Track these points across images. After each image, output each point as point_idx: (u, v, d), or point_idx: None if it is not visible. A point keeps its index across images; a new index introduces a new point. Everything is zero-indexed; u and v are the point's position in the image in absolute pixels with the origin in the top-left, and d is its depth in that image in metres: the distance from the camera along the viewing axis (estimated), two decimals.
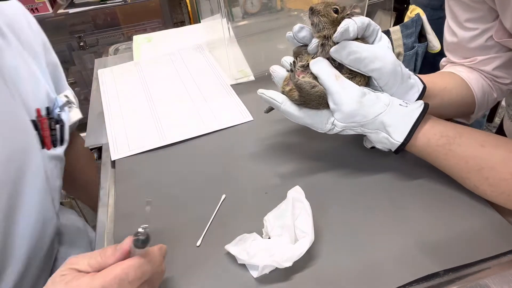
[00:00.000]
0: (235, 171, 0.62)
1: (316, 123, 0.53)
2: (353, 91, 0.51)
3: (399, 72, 0.52)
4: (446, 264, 0.45)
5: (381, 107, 0.51)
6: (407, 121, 0.51)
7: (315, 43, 0.53)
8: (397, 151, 0.53)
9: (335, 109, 0.52)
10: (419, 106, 0.52)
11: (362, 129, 0.53)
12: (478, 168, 0.49)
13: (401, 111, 0.51)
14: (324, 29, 0.51)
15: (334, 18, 0.51)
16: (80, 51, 1.67)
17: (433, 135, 0.52)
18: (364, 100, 0.51)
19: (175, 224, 0.54)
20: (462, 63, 0.67)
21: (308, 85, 0.51)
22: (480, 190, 0.50)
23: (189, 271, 0.47)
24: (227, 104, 0.77)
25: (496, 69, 0.64)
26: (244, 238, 0.48)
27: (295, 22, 0.55)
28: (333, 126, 0.53)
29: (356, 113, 0.51)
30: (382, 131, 0.52)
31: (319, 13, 0.51)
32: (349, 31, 0.49)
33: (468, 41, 0.64)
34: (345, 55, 0.50)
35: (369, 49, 0.51)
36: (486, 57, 0.64)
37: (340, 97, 0.50)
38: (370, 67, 0.51)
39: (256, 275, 0.45)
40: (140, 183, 0.62)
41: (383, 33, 0.54)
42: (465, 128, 0.53)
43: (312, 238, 0.45)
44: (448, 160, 0.52)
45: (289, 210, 0.47)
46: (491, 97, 0.68)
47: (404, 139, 0.51)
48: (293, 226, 0.46)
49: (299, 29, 0.54)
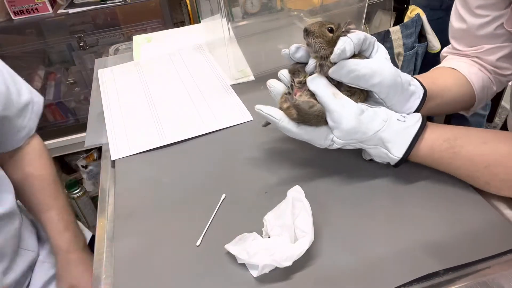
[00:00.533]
0: (235, 171, 0.62)
1: (315, 139, 0.53)
2: (351, 109, 0.50)
3: (399, 83, 0.52)
4: (446, 263, 0.45)
5: (379, 123, 0.51)
6: (406, 137, 0.52)
7: (312, 63, 0.53)
8: (397, 165, 0.54)
9: (334, 127, 0.51)
10: (416, 121, 0.52)
11: (361, 144, 0.53)
12: (485, 165, 0.50)
13: (399, 126, 0.51)
14: (321, 49, 0.50)
15: (329, 38, 0.50)
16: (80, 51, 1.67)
17: (434, 142, 0.52)
18: (363, 118, 0.51)
19: (175, 224, 0.54)
20: (467, 52, 0.67)
21: (306, 104, 0.51)
22: (492, 186, 0.51)
23: (189, 271, 0.48)
24: (227, 104, 0.77)
25: (500, 59, 0.64)
26: (244, 238, 0.48)
27: (295, 22, 0.55)
28: (332, 143, 0.53)
29: (356, 130, 0.51)
30: (381, 147, 0.53)
31: (314, 34, 0.50)
32: (346, 51, 0.49)
33: (477, 28, 0.63)
34: (344, 75, 0.50)
35: (367, 65, 0.50)
36: (493, 46, 0.63)
37: (339, 115, 0.50)
38: (370, 82, 0.51)
39: (256, 275, 0.45)
40: (140, 183, 0.62)
41: (379, 44, 0.53)
42: (463, 129, 0.53)
43: (312, 238, 0.45)
44: (454, 163, 0.52)
45: (289, 210, 0.47)
46: (491, 90, 0.68)
47: (403, 155, 0.52)
48: (293, 225, 0.46)
49: (296, 50, 0.54)
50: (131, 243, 0.52)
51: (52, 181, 0.82)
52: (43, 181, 0.81)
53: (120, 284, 0.47)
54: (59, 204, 0.81)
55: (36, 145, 0.84)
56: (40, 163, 0.82)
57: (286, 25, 0.97)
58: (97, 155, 1.86)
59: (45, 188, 0.81)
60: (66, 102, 1.74)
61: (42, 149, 0.85)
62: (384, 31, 1.22)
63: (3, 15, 1.53)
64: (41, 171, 0.82)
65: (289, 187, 0.50)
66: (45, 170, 0.82)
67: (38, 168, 0.82)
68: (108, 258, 0.51)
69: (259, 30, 0.93)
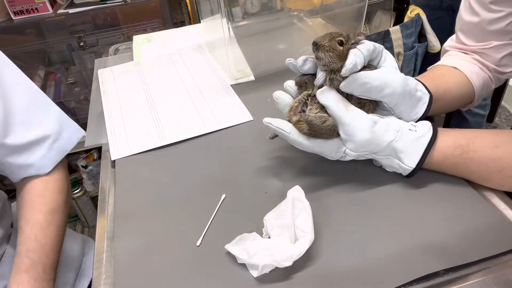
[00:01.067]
0: (235, 171, 0.62)
1: (326, 152, 0.53)
2: (364, 121, 0.50)
3: (407, 91, 0.52)
4: (446, 264, 0.45)
5: (392, 134, 0.51)
6: (418, 147, 0.51)
7: (321, 77, 0.52)
8: (409, 176, 0.53)
9: (347, 139, 0.51)
10: (427, 130, 0.52)
11: (374, 155, 0.53)
12: (499, 168, 0.50)
13: (411, 136, 0.51)
14: (331, 64, 0.49)
15: (340, 51, 0.49)
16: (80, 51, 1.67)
17: (447, 149, 0.52)
18: (376, 129, 0.50)
19: (175, 224, 0.54)
20: (473, 47, 0.67)
21: (319, 120, 0.50)
22: (506, 188, 0.52)
23: (189, 271, 0.48)
24: (227, 104, 0.77)
25: (505, 57, 0.64)
26: (244, 238, 0.48)
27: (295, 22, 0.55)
28: (345, 155, 0.53)
29: (370, 142, 0.50)
30: (393, 157, 0.52)
31: (324, 48, 0.49)
32: (357, 65, 0.49)
33: (488, 23, 0.63)
34: (356, 88, 0.50)
35: (379, 77, 0.50)
36: (501, 42, 0.63)
37: (352, 128, 0.50)
38: (382, 94, 0.51)
39: (256, 275, 0.45)
40: (140, 183, 0.62)
41: (387, 51, 0.53)
42: (475, 132, 0.53)
43: (312, 238, 0.45)
44: (468, 168, 0.52)
45: (289, 210, 0.47)
46: (489, 88, 0.68)
47: (416, 165, 0.52)
48: (293, 225, 0.46)
49: (303, 62, 0.53)
50: (131, 243, 0.52)
51: (44, 228, 0.66)
52: (34, 226, 0.66)
53: (120, 284, 0.47)
54: (38, 249, 0.65)
55: (50, 185, 0.70)
56: (39, 207, 0.67)
57: (286, 25, 0.97)
58: (97, 155, 1.86)
59: (33, 228, 0.66)
60: (66, 102, 1.75)
61: (54, 192, 0.70)
62: (384, 31, 1.22)
63: (3, 15, 1.53)
64: (35, 215, 0.67)
65: (289, 187, 0.50)
66: (40, 216, 0.66)
67: (35, 211, 0.67)
68: (108, 258, 0.51)
69: (259, 30, 0.93)
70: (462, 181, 0.54)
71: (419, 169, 0.52)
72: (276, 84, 0.58)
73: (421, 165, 0.52)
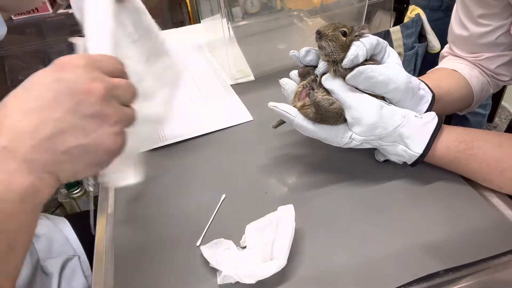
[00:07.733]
0: (235, 171, 0.62)
1: (331, 137, 0.52)
2: (372, 103, 0.50)
3: (411, 88, 0.52)
4: (446, 264, 0.45)
5: (399, 119, 0.51)
6: (425, 133, 0.51)
7: (323, 66, 0.52)
8: (415, 163, 0.53)
9: (353, 123, 0.51)
10: (433, 118, 0.52)
11: (379, 142, 0.52)
12: (500, 169, 0.50)
13: (417, 123, 0.51)
14: (333, 53, 0.49)
15: (343, 42, 0.49)
16: None
17: (451, 142, 0.52)
18: (383, 112, 0.50)
19: (175, 224, 0.54)
20: (467, 58, 0.67)
21: (326, 102, 0.50)
22: (505, 190, 0.52)
23: (189, 271, 0.47)
24: (227, 104, 0.77)
25: (499, 67, 0.65)
26: (219, 244, 0.47)
27: (295, 22, 0.55)
28: (351, 140, 0.52)
29: (377, 125, 0.50)
30: (399, 143, 0.52)
31: (327, 37, 0.49)
32: (359, 56, 0.49)
33: (478, 37, 0.63)
34: (361, 81, 0.50)
35: (384, 72, 0.50)
36: (492, 54, 0.64)
37: (360, 110, 0.50)
38: (386, 89, 0.51)
39: (218, 282, 0.44)
40: (140, 183, 0.62)
41: (390, 48, 0.53)
42: (479, 131, 0.54)
43: (283, 264, 0.43)
44: (470, 164, 0.52)
45: (272, 227, 0.46)
46: (488, 92, 0.69)
47: (423, 150, 0.51)
48: (272, 243, 0.45)
49: (306, 53, 0.53)
50: (131, 243, 0.52)
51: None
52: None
53: (120, 284, 0.47)
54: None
55: None
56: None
57: (286, 25, 0.96)
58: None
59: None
60: None
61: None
62: (384, 31, 1.22)
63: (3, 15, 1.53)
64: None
65: (289, 187, 0.50)
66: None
67: None
68: (108, 258, 0.51)
69: (259, 30, 0.93)
70: (462, 181, 0.55)
71: (425, 155, 0.51)
72: (276, 84, 0.58)
73: (427, 152, 0.51)
